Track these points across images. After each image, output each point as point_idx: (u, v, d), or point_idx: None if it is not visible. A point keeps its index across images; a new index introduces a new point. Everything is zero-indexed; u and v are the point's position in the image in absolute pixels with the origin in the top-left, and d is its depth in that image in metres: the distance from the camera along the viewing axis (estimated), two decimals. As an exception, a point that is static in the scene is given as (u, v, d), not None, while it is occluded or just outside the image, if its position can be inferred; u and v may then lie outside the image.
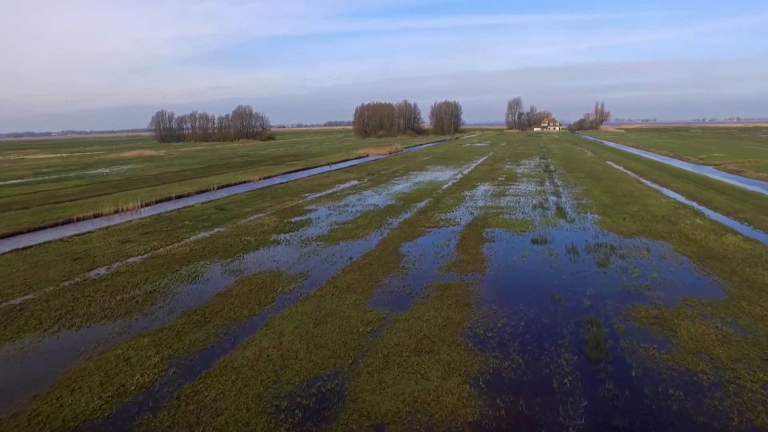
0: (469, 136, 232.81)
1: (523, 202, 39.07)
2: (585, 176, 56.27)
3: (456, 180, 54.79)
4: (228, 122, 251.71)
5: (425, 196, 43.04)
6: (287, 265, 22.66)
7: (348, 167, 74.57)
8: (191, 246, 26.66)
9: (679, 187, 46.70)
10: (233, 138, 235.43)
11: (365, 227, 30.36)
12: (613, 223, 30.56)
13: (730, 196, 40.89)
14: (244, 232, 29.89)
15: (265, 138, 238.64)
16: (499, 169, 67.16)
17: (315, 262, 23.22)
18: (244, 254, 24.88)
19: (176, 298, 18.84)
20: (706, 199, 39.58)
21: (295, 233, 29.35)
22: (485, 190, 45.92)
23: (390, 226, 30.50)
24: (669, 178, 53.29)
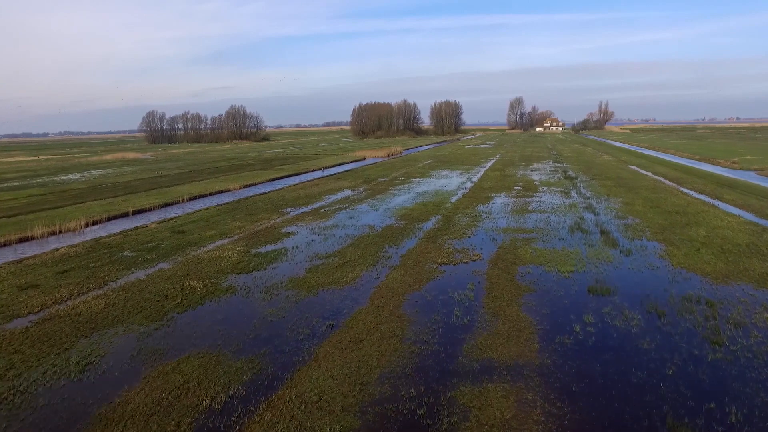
0: (470, 137, 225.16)
1: (555, 221, 31.41)
2: (614, 185, 48.63)
3: (466, 190, 47.11)
4: (221, 123, 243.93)
5: (432, 212, 35.37)
6: (235, 341, 15.00)
7: (342, 173, 66.89)
8: (111, 297, 18.98)
9: (737, 200, 39.04)
10: (226, 139, 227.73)
11: (356, 263, 22.69)
12: (686, 257, 22.92)
13: (809, 214, 33.25)
14: (194, 270, 22.21)
15: (259, 139, 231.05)
16: (512, 175, 59.51)
17: (278, 332, 15.56)
18: (179, 314, 17.22)
19: (30, 421, 11.20)
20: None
21: (260, 273, 21.69)
22: (503, 204, 38.25)
23: (389, 262, 22.84)
24: (716, 188, 45.63)
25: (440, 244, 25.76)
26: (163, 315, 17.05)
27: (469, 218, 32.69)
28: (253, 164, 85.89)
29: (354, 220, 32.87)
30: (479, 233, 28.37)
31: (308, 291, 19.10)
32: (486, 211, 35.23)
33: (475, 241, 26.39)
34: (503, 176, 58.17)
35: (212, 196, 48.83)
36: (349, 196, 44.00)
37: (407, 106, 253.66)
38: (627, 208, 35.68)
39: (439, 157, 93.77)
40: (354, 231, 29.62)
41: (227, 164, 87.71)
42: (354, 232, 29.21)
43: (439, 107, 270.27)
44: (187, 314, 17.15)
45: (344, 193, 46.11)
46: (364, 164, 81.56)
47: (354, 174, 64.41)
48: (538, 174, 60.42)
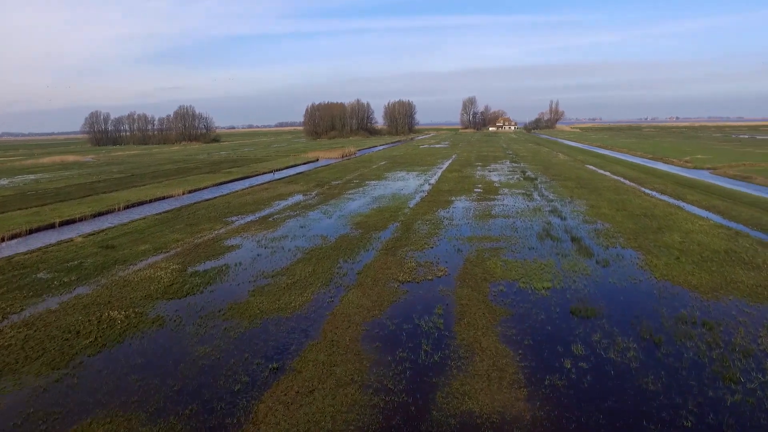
0: (424, 137, 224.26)
1: (521, 227, 29.37)
2: (576, 186, 47.25)
3: (424, 193, 44.83)
4: (169, 124, 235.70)
5: (389, 218, 32.86)
6: (154, 396, 12.08)
7: (293, 176, 63.72)
8: (7, 336, 15.70)
9: (701, 201, 38.00)
10: (174, 140, 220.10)
11: (307, 283, 19.94)
12: (667, 267, 21.10)
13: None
14: (117, 297, 19.03)
15: (209, 140, 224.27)
16: (471, 176, 57.66)
17: (210, 380, 12.72)
18: (90, 357, 14.14)
19: None
20: (754, 220, 30.82)
21: (196, 298, 18.71)
22: (465, 209, 36.08)
23: (344, 281, 20.18)
24: (677, 188, 44.74)
25: (401, 257, 23.24)
26: (69, 360, 13.94)
27: (430, 225, 30.32)
28: (201, 167, 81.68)
29: (305, 230, 30.04)
30: (442, 243, 26.01)
31: (250, 321, 16.25)
32: (447, 217, 32.95)
33: (439, 253, 23.99)
34: (462, 177, 56.23)
35: (152, 203, 45.09)
36: (301, 202, 41.08)
37: (361, 105, 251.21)
38: (594, 211, 34.03)
39: (394, 157, 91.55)
40: (305, 243, 26.81)
41: (173, 167, 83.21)
42: (305, 244, 26.41)
43: (392, 107, 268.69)
44: (100, 357, 14.08)
45: (295, 199, 43.15)
46: (317, 166, 78.53)
47: (306, 177, 61.38)
48: (496, 175, 58.78)
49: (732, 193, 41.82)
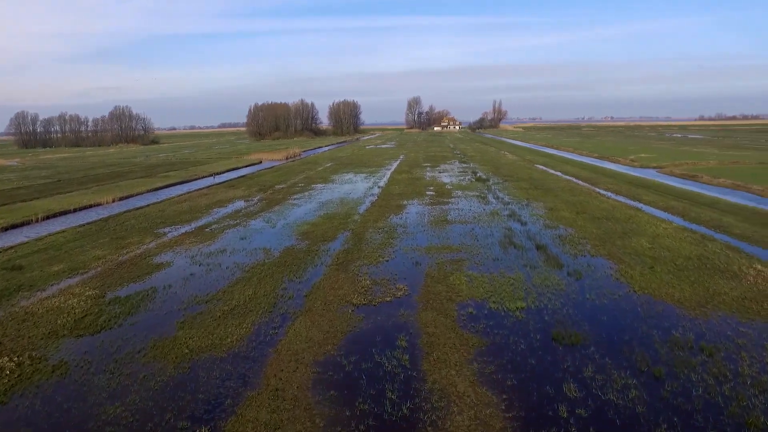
0: (370, 137, 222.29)
1: (481, 234, 27.37)
2: (529, 187, 45.92)
3: (374, 196, 42.43)
4: (104, 125, 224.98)
5: (339, 227, 30.29)
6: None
7: (235, 179, 60.11)
8: None
9: (657, 201, 37.13)
10: (110, 143, 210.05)
11: (246, 310, 17.16)
12: (644, 279, 19.43)
13: (740, 216, 31.51)
14: (13, 335, 15.74)
15: (147, 142, 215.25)
16: (421, 177, 55.67)
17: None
18: (-39, 426, 11.00)
19: None
20: (714, 222, 29.88)
21: (112, 334, 15.64)
22: (419, 214, 33.89)
23: (290, 306, 17.50)
24: (631, 188, 44.00)
25: (354, 274, 20.72)
26: (-68, 431, 10.77)
27: (383, 234, 27.92)
28: (136, 171, 76.69)
29: (246, 242, 27.09)
30: (398, 255, 23.65)
31: (176, 365, 13.39)
32: (401, 224, 30.64)
33: (396, 267, 21.61)
34: (412, 179, 54.16)
35: (77, 212, 40.90)
36: (242, 209, 37.93)
37: (305, 106, 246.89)
38: (553, 215, 32.45)
39: (341, 159, 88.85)
40: (245, 258, 23.91)
41: (106, 171, 77.81)
42: (245, 260, 23.51)
43: (337, 107, 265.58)
44: (-25, 425, 10.97)
45: (236, 205, 39.94)
46: (260, 168, 74.94)
47: (248, 181, 57.93)
48: (447, 176, 57.04)
49: (685, 194, 41.29)
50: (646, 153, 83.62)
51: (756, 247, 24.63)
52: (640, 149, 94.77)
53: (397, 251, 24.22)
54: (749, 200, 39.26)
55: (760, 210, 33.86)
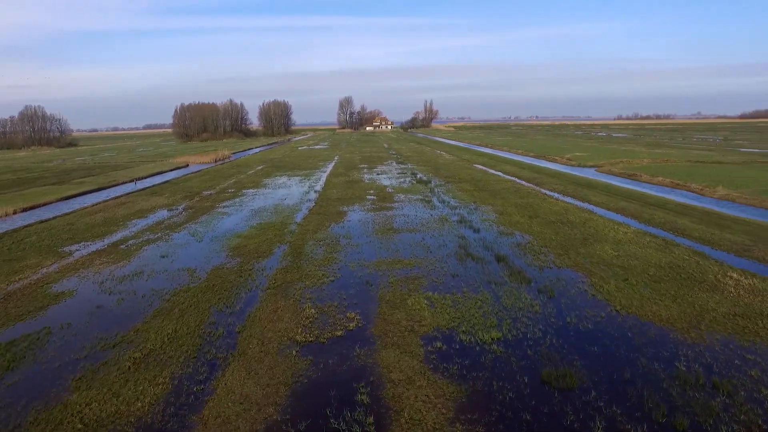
0: (302, 137, 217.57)
1: (433, 245, 24.89)
2: (474, 188, 44.06)
3: (311, 203, 39.30)
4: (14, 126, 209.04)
5: (274, 239, 27.05)
6: None
7: (159, 185, 55.26)
8: None
9: (607, 203, 35.93)
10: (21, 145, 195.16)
11: (163, 358, 13.80)
12: (622, 294, 17.46)
13: (694, 218, 30.53)
14: None
15: (64, 145, 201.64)
16: (359, 180, 52.88)
17: None
18: None
19: None
20: (670, 224, 28.69)
21: (-21, 400, 11.95)
22: (362, 222, 31.11)
23: (219, 348, 14.28)
24: (577, 189, 42.86)
25: (295, 300, 17.66)
26: None
27: (325, 247, 24.93)
28: (47, 177, 69.89)
29: (168, 261, 23.43)
30: (345, 273, 20.75)
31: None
32: (344, 234, 27.74)
33: (344, 289, 18.71)
34: (349, 182, 51.28)
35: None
36: (165, 220, 33.90)
37: (234, 106, 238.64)
38: (506, 220, 30.45)
39: (273, 161, 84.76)
40: (166, 282, 20.34)
41: (11, 178, 70.52)
42: (166, 285, 19.96)
43: (267, 107, 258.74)
44: None
45: (158, 215, 35.80)
46: (187, 172, 69.93)
47: (173, 186, 53.29)
48: (386, 178, 54.51)
49: (632, 194, 40.46)
50: (580, 152, 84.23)
51: (720, 251, 23.38)
52: (573, 148, 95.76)
53: (343, 268, 21.30)
54: (692, 199, 38.85)
55: (709, 210, 33.16)
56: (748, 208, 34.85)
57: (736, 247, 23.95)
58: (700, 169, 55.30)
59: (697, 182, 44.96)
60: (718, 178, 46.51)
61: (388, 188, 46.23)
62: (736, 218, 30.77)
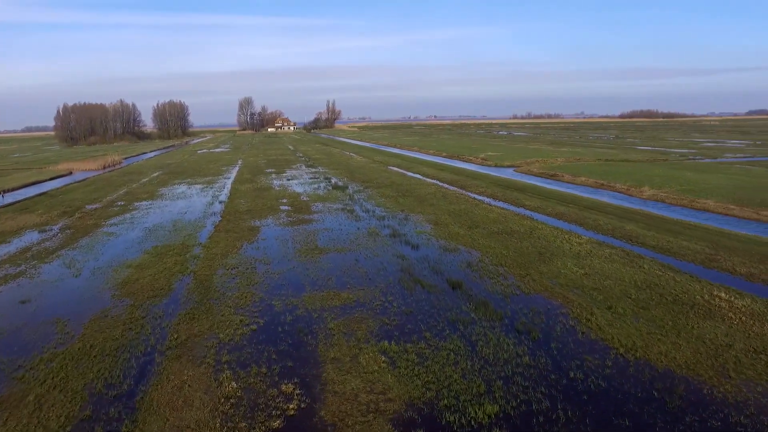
0: (201, 140, 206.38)
1: (371, 268, 20.97)
2: (396, 194, 40.60)
3: (217, 216, 34.13)
4: None
5: (175, 269, 21.98)
6: None
7: (33, 198, 47.25)
8: None
9: (543, 207, 33.62)
10: None
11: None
12: (616, 329, 14.45)
13: (640, 223, 28.60)
14: None
15: None
16: (268, 187, 47.94)
17: None
18: None
19: None
20: (619, 231, 26.50)
21: None
22: (280, 240, 26.62)
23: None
24: (506, 192, 40.50)
25: (207, 367, 13.06)
26: None
27: (239, 278, 20.28)
28: None
29: (28, 310, 17.83)
30: (269, 316, 16.33)
31: None
32: (260, 258, 23.16)
33: (272, 343, 14.34)
34: (258, 190, 46.22)
35: None
36: (33, 246, 27.57)
37: (125, 107, 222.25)
38: (443, 231, 27.10)
39: (171, 166, 77.27)
40: (21, 345, 14.94)
41: None
42: (20, 350, 14.59)
43: (162, 108, 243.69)
44: None
45: (25, 240, 29.27)
46: (69, 182, 61.34)
47: (50, 200, 45.67)
48: (298, 184, 49.90)
49: (564, 196, 38.60)
50: (492, 151, 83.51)
51: (687, 262, 21.30)
52: (483, 147, 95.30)
53: (265, 309, 16.83)
54: (622, 200, 37.67)
55: (651, 214, 31.67)
56: (680, 209, 33.84)
57: (700, 256, 21.93)
58: (615, 168, 55.19)
59: (621, 182, 44.11)
60: (637, 177, 46.02)
61: (303, 196, 41.76)
62: (680, 222, 29.28)
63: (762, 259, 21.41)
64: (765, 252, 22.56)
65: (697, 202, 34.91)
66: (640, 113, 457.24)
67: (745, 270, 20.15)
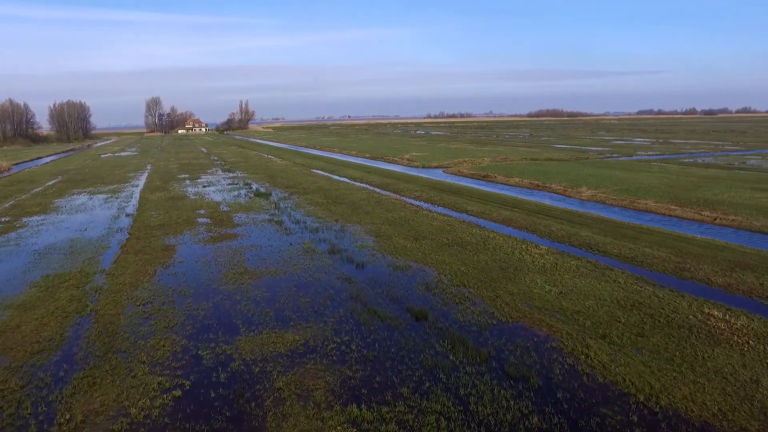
0: (105, 143, 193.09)
1: (314, 295, 17.79)
2: (326, 201, 37.42)
3: (123, 233, 29.60)
4: None
5: (69, 309, 17.76)
6: None
7: None
8: None
9: (489, 212, 31.59)
10: None
11: None
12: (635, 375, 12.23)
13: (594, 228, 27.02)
14: None
15: None
16: (182, 196, 43.33)
17: None
18: None
19: None
20: (574, 238, 24.73)
21: None
22: (201, 261, 22.82)
23: None
24: (443, 196, 38.29)
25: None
26: None
27: (155, 318, 16.48)
28: None
29: None
30: (197, 375, 12.83)
31: None
32: (178, 287, 19.35)
33: (203, 418, 10.92)
34: (171, 199, 41.54)
35: None
36: None
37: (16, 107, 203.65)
38: (387, 245, 24.30)
39: (69, 173, 69.77)
40: None
41: None
42: None
43: (60, 109, 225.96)
44: None
45: None
46: (-58, 194, 53.36)
47: None
48: (216, 191, 45.54)
49: (505, 199, 36.85)
50: (417, 151, 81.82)
51: (658, 273, 19.74)
52: (406, 147, 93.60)
53: (191, 363, 13.27)
54: (562, 201, 36.54)
55: (600, 218, 30.40)
56: (623, 210, 32.97)
57: (669, 266, 20.38)
58: (545, 168, 54.61)
59: (555, 182, 43.15)
60: (570, 177, 45.33)
61: (223, 206, 37.67)
62: (633, 225, 28.03)
63: (730, 267, 20.13)
64: (729, 257, 21.37)
65: (637, 202, 34.12)
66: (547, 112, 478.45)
67: (721, 280, 18.69)
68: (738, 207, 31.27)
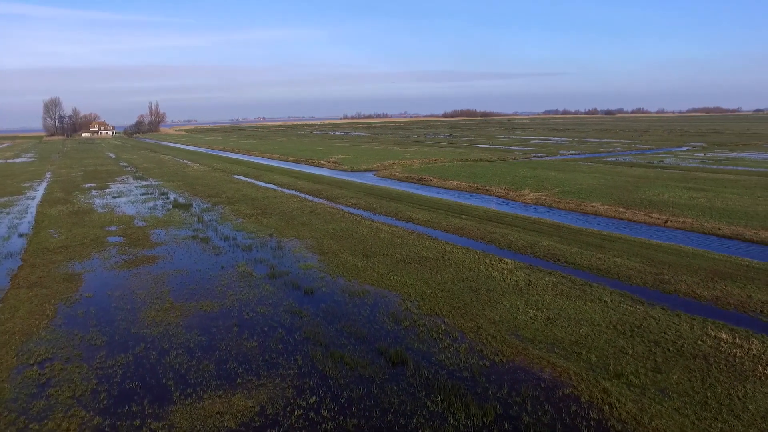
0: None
1: (261, 340, 14.79)
2: (256, 212, 33.99)
3: (15, 259, 24.98)
4: None
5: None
6: None
7: None
8: None
9: (435, 220, 29.41)
10: None
11: None
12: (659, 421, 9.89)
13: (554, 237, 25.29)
14: None
15: None
16: (89, 209, 38.31)
17: None
18: None
19: None
20: (541, 248, 22.92)
21: None
22: (114, 295, 19.03)
23: None
24: (382, 203, 35.78)
25: None
26: None
27: (55, 386, 12.88)
28: None
29: None
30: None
31: None
32: (88, 336, 15.63)
33: None
34: (75, 214, 36.50)
35: None
36: None
37: None
38: (334, 263, 21.45)
39: (-49, 185, 61.46)
40: None
41: None
42: None
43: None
44: None
45: None
46: None
47: None
48: (128, 203, 40.73)
49: (451, 205, 34.77)
50: (342, 154, 78.94)
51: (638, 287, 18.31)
52: (329, 149, 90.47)
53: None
54: (508, 205, 35.05)
55: (556, 224, 28.86)
56: (572, 214, 31.83)
57: (647, 278, 18.90)
58: (478, 169, 53.35)
59: (494, 184, 41.76)
60: (508, 179, 44.14)
61: (137, 220, 33.30)
62: (592, 232, 26.65)
63: (709, 276, 18.87)
64: (704, 266, 20.14)
65: (584, 205, 33.05)
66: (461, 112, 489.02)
67: (707, 293, 17.29)
68: (683, 208, 30.77)
